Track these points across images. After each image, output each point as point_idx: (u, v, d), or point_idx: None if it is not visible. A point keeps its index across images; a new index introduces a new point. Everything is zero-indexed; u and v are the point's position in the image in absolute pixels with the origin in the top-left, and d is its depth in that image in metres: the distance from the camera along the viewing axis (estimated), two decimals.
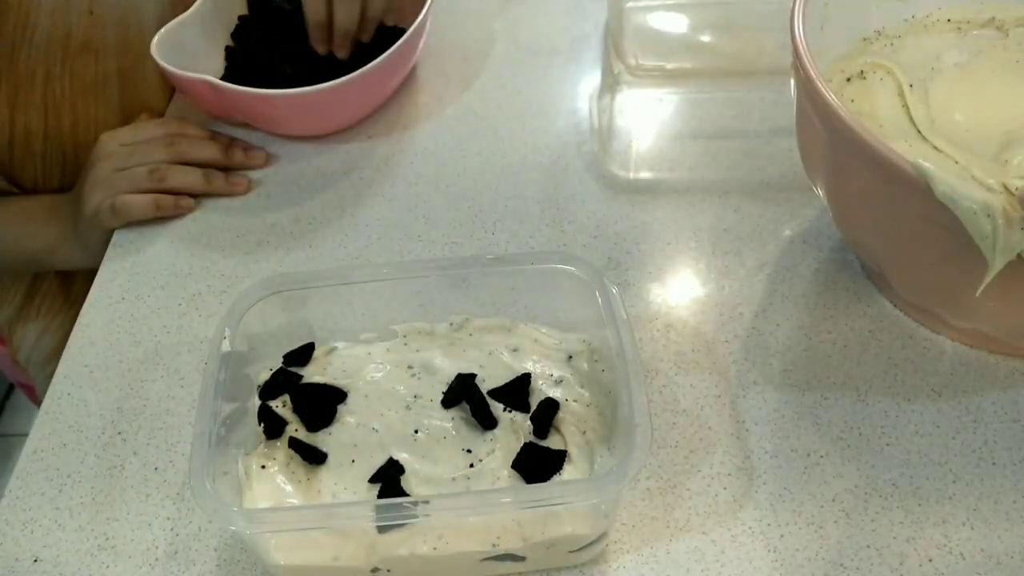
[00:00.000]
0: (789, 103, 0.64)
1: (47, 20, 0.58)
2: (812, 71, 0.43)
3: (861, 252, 0.49)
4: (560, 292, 0.44)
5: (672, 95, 0.66)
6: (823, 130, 0.43)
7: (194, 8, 0.63)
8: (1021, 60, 0.50)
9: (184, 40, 0.62)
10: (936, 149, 0.48)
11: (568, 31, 0.72)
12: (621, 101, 0.66)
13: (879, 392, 0.47)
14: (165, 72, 0.59)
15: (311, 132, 0.63)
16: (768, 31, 0.70)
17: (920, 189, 0.37)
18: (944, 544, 0.41)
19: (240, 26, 0.67)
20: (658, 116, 0.65)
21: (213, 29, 0.65)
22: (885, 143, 0.38)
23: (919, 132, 0.50)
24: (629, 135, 0.63)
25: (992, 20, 0.53)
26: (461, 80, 0.68)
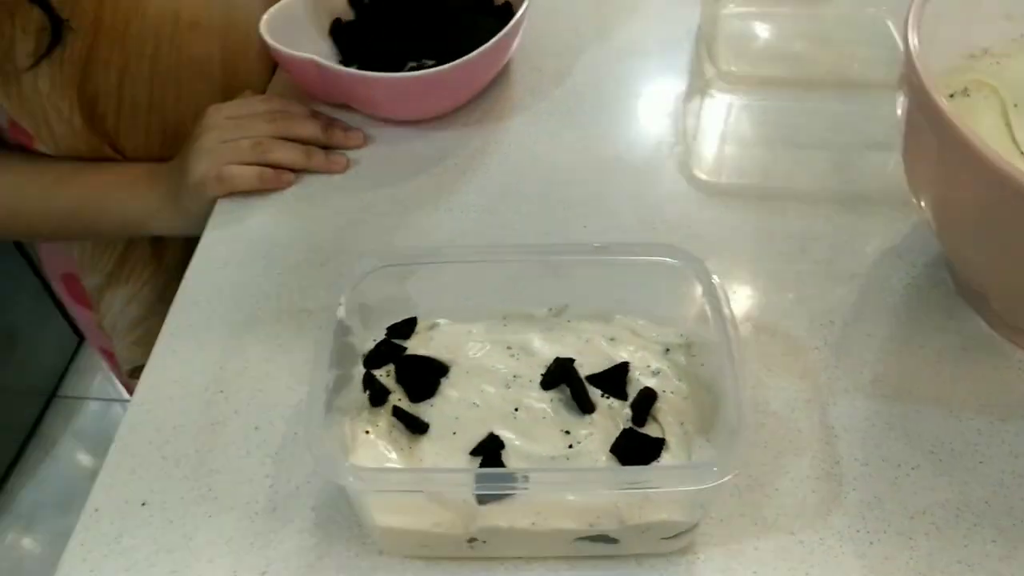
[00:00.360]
0: (882, 117, 0.64)
1: None
2: (927, 83, 0.43)
3: (963, 268, 0.49)
4: (658, 285, 0.45)
5: (763, 103, 0.66)
6: (936, 143, 0.43)
7: None
8: None
9: (291, 20, 0.64)
10: None
11: (659, 34, 0.73)
12: (712, 106, 0.66)
13: (971, 410, 0.46)
14: (272, 50, 0.61)
15: (409, 117, 0.64)
16: (861, 43, 0.70)
17: None
18: None
19: (357, 12, 0.69)
20: (749, 123, 0.65)
21: (319, 11, 0.67)
22: (1005, 159, 0.38)
23: (1021, 153, 0.50)
24: (720, 140, 0.64)
25: None
26: (554, 76, 0.69)
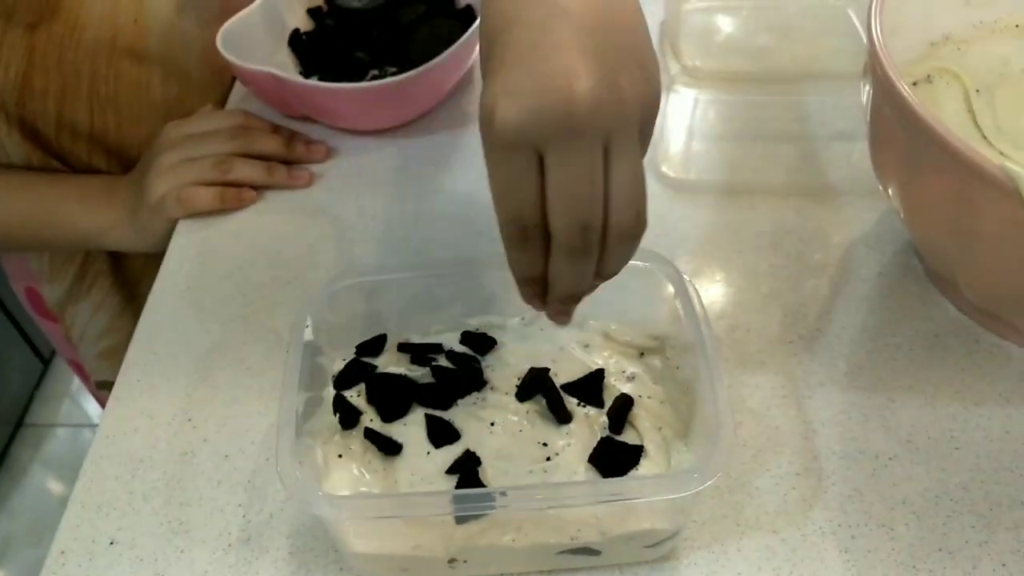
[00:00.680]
0: (848, 107, 0.64)
1: (95, 24, 0.58)
2: (892, 72, 0.43)
3: (932, 256, 0.49)
4: (630, 288, 0.44)
5: (728, 97, 0.66)
6: (902, 132, 0.43)
7: (257, 3, 0.63)
8: None
9: (248, 33, 0.63)
10: (1002, 155, 0.48)
11: None
12: (677, 102, 0.66)
13: (947, 396, 0.47)
14: (229, 64, 0.60)
15: (372, 127, 0.63)
16: (824, 35, 0.70)
17: (1007, 192, 0.37)
18: (1018, 549, 0.40)
19: (316, 22, 0.67)
20: (715, 117, 0.65)
21: (276, 23, 0.66)
22: (971, 146, 0.38)
23: (985, 137, 0.50)
24: (686, 136, 0.64)
25: None
26: None
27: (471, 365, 0.43)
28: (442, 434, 0.40)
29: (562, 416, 0.41)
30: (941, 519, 0.42)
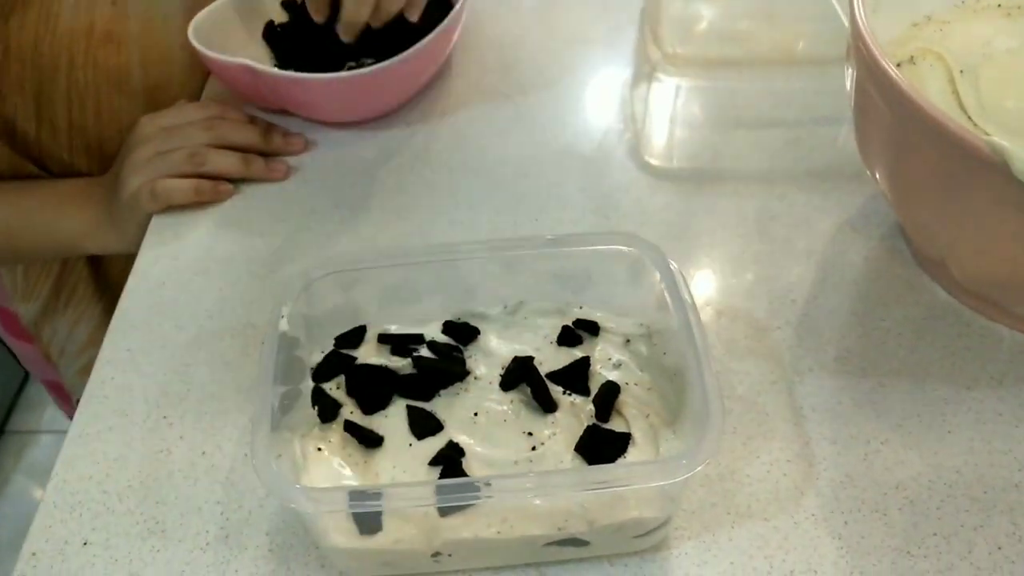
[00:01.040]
0: (831, 92, 0.64)
1: (70, 11, 0.57)
2: (876, 52, 0.42)
3: (920, 238, 0.48)
4: (615, 275, 0.43)
5: (710, 84, 0.65)
6: (888, 111, 0.42)
7: None
8: None
9: (221, 25, 0.62)
10: (987, 135, 0.48)
11: (603, 21, 0.71)
12: (659, 90, 0.65)
13: (937, 380, 0.46)
14: (202, 56, 0.58)
15: (349, 118, 0.62)
16: (805, 20, 0.70)
17: (995, 168, 0.36)
18: (1013, 532, 0.40)
19: (291, 14, 0.66)
20: (697, 105, 0.64)
21: (250, 14, 0.64)
22: (957, 121, 0.38)
23: (969, 118, 0.49)
24: (669, 124, 0.63)
25: None
26: (498, 69, 0.67)
27: (453, 355, 0.42)
28: (424, 425, 0.39)
29: (547, 405, 0.40)
30: (935, 503, 0.41)
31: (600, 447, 0.38)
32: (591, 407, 0.40)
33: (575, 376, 0.41)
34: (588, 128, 0.62)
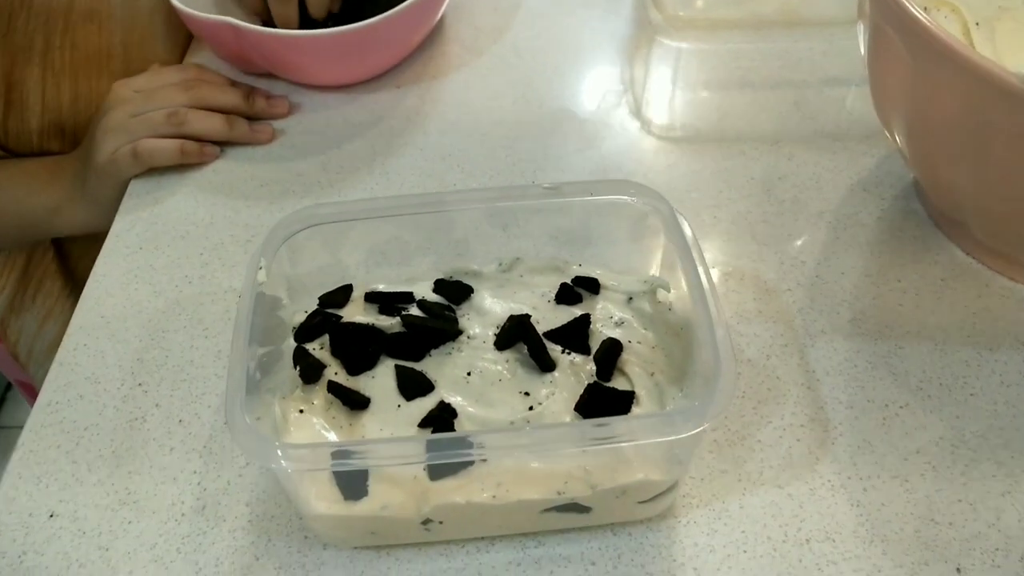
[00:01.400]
0: (838, 52, 0.61)
1: None
2: None
3: (940, 194, 0.46)
4: (617, 228, 0.41)
5: (713, 47, 0.63)
6: (908, 56, 0.40)
7: None
8: None
9: None
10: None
11: None
12: (660, 53, 0.63)
13: (957, 342, 0.43)
14: (183, 16, 0.56)
15: (337, 81, 0.60)
16: None
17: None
18: None
19: None
20: (700, 67, 0.62)
21: None
22: (984, 56, 0.35)
23: None
24: (671, 86, 0.60)
25: None
26: (492, 31, 0.65)
27: (445, 314, 0.40)
28: (414, 386, 0.37)
29: (545, 364, 0.37)
30: (959, 469, 0.39)
31: (602, 406, 0.35)
32: (592, 366, 0.37)
33: (575, 334, 0.38)
34: (587, 90, 0.59)
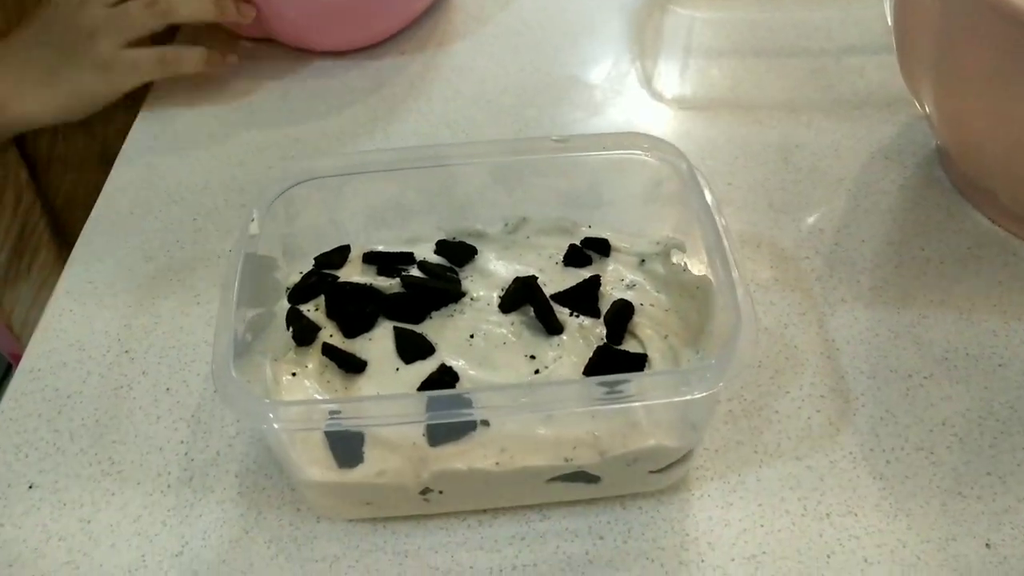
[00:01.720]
0: (855, 22, 0.59)
1: None
2: None
3: (966, 158, 0.43)
4: (628, 186, 0.39)
5: (727, 16, 0.61)
6: (939, 5, 0.37)
7: None
8: None
9: None
10: None
11: None
12: (672, 21, 0.61)
13: (983, 311, 0.41)
14: None
15: (338, 45, 0.58)
16: None
17: None
18: None
19: None
20: (713, 36, 0.59)
21: None
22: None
23: None
24: (683, 54, 0.58)
25: None
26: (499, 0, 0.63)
27: (447, 275, 0.38)
28: (413, 348, 0.35)
29: (552, 326, 0.35)
30: (987, 441, 0.36)
31: (612, 369, 0.33)
32: (601, 329, 0.35)
33: (584, 296, 0.36)
34: (595, 58, 0.57)
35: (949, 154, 0.46)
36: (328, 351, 0.35)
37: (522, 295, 0.36)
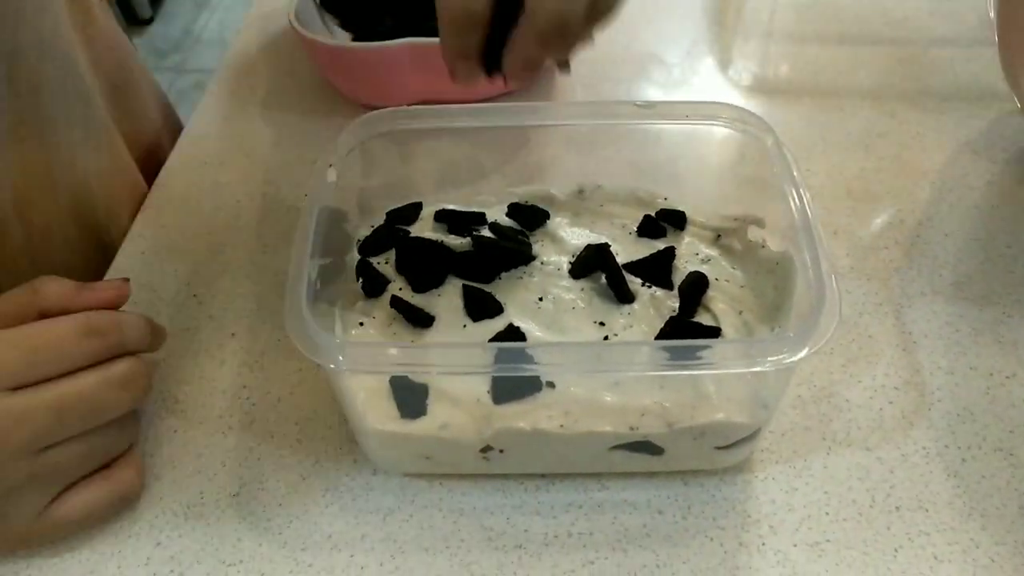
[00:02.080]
0: (945, 14, 0.57)
1: None
2: None
3: None
4: (707, 158, 0.38)
5: (812, 0, 0.59)
6: None
7: None
8: None
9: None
10: None
11: None
12: (755, 3, 0.60)
13: None
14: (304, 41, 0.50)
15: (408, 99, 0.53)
16: None
17: None
18: None
19: None
20: (795, 20, 0.58)
21: None
22: None
23: None
24: (764, 37, 0.57)
25: None
26: None
27: (518, 238, 0.37)
28: (482, 307, 0.34)
29: (623, 295, 0.34)
30: None
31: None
32: (674, 301, 0.34)
33: (657, 267, 0.35)
34: (673, 37, 0.56)
35: None
36: (396, 303, 0.34)
37: (594, 262, 0.36)
